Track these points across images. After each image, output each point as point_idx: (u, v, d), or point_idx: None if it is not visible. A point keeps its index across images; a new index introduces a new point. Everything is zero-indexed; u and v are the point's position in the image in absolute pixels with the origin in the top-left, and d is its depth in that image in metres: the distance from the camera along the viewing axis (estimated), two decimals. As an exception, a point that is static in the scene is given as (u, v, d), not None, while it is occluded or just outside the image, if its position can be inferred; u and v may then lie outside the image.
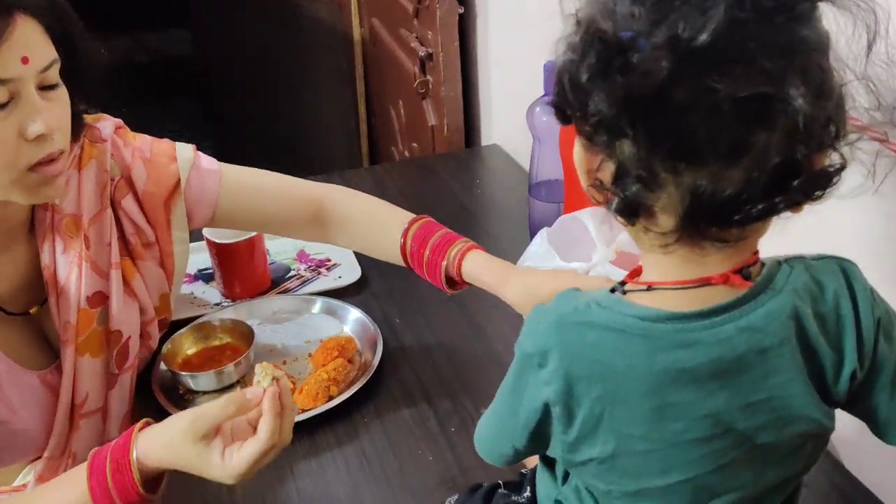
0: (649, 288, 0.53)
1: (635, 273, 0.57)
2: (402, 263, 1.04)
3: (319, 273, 1.28)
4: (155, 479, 0.77)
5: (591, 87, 0.48)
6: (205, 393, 1.04)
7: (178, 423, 0.76)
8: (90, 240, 0.96)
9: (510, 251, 1.29)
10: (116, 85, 0.96)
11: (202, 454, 0.74)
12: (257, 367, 0.79)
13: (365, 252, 1.11)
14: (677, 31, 0.46)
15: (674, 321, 0.52)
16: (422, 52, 1.76)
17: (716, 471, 0.54)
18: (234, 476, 0.74)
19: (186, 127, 4.12)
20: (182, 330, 1.10)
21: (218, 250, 1.19)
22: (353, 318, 1.14)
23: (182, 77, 3.77)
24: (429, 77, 1.82)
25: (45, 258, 0.95)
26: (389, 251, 1.04)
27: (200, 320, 1.12)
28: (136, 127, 1.03)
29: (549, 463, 0.68)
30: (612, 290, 0.56)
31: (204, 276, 1.29)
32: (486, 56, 1.70)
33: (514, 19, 1.56)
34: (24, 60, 0.79)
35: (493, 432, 0.66)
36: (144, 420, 0.80)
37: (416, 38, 1.83)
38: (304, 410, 0.98)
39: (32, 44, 0.80)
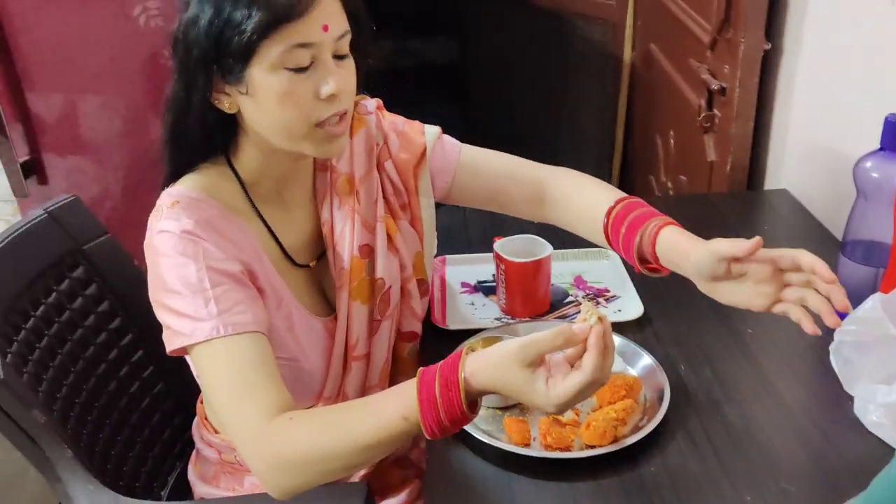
0: None
1: None
2: (605, 244, 1.07)
3: (598, 303, 1.26)
4: (474, 401, 0.82)
5: None
6: (488, 408, 1.05)
7: (507, 348, 0.80)
8: (360, 196, 1.09)
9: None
10: (381, 84, 1.07)
11: (528, 379, 0.78)
12: (583, 306, 0.83)
13: (574, 230, 1.13)
14: None
15: None
16: (714, 85, 1.69)
17: None
18: (556, 404, 0.78)
19: (441, 129, 4.28)
20: (472, 339, 1.12)
21: (507, 267, 1.20)
22: (637, 358, 1.10)
23: (444, 83, 3.91)
24: (716, 111, 1.74)
25: (325, 214, 1.08)
26: (594, 229, 1.08)
27: (490, 334, 1.13)
28: None
29: None
30: None
31: (483, 289, 1.31)
32: (787, 96, 1.60)
33: (835, 64, 1.44)
34: (325, 28, 0.90)
35: None
36: (469, 345, 0.85)
37: (708, 70, 1.75)
38: (589, 447, 0.96)
39: (332, 15, 0.91)
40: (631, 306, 1.23)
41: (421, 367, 0.84)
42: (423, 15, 4.30)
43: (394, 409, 0.83)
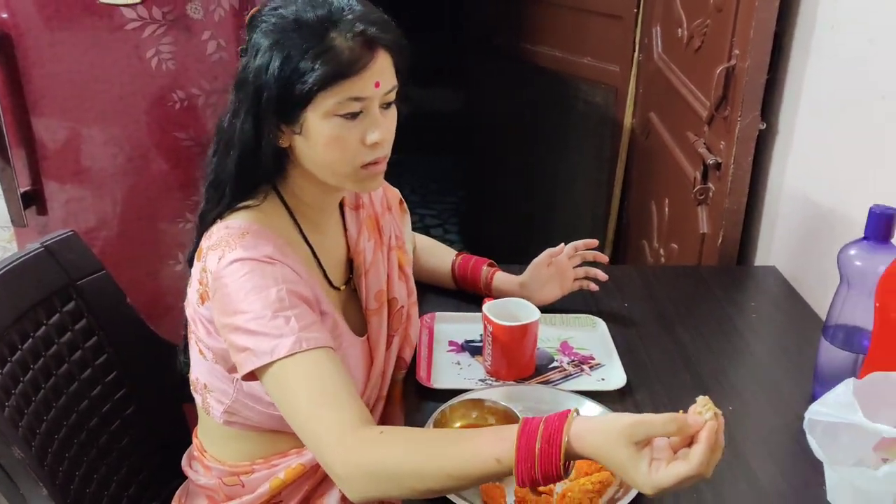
0: None
1: None
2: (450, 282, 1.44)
3: (582, 370, 1.27)
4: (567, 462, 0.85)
5: None
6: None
7: (620, 421, 0.81)
8: (382, 231, 1.25)
9: (785, 390, 1.23)
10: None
11: (633, 458, 0.80)
12: (700, 399, 0.83)
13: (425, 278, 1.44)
14: None
15: None
16: (710, 160, 1.72)
17: None
18: (655, 488, 0.79)
19: (439, 177, 4.33)
20: (454, 401, 1.12)
21: (495, 329, 1.21)
22: (618, 429, 1.11)
23: (444, 133, 3.96)
24: (710, 185, 1.77)
25: (360, 245, 1.21)
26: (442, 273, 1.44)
27: (473, 396, 1.14)
28: (399, 170, 1.20)
29: None
30: None
31: (470, 348, 1.32)
32: (780, 176, 1.63)
33: (826, 149, 1.48)
34: (377, 85, 1.01)
35: None
36: (575, 408, 0.88)
37: (705, 144, 1.79)
38: (564, 517, 0.96)
39: (385, 73, 1.02)
40: (614, 376, 1.24)
41: (524, 417, 0.88)
42: (427, 65, 4.37)
43: (490, 448, 0.86)
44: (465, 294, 1.44)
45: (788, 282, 1.56)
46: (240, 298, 0.98)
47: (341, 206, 1.22)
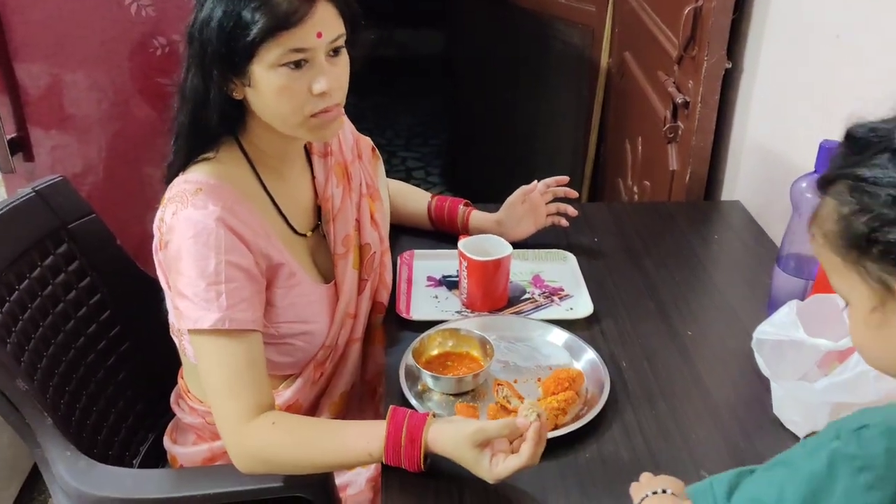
0: None
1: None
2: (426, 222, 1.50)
3: (552, 301, 1.34)
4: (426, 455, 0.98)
5: None
6: (442, 393, 1.13)
7: (465, 430, 0.94)
8: (352, 180, 1.27)
9: (742, 315, 1.31)
10: (367, 72, 1.15)
11: (477, 458, 0.93)
12: (527, 402, 0.98)
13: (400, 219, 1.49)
14: None
15: None
16: (678, 98, 1.77)
17: None
18: (496, 479, 0.93)
19: (424, 120, 4.35)
20: (432, 331, 1.20)
21: (469, 264, 1.28)
22: (583, 354, 1.19)
23: (426, 74, 3.97)
24: (680, 124, 1.83)
25: (328, 192, 1.23)
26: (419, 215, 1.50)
27: (450, 326, 1.22)
28: (380, 112, 1.21)
29: None
30: None
31: (448, 283, 1.39)
32: (744, 113, 1.69)
33: (785, 87, 1.53)
34: (318, 35, 1.02)
35: None
36: (433, 412, 1.01)
37: (674, 83, 1.84)
38: (531, 432, 1.04)
39: (327, 22, 1.03)
40: (582, 305, 1.32)
41: (392, 407, 1.00)
42: (409, 6, 4.35)
43: (363, 445, 0.99)
44: (441, 233, 1.50)
45: (752, 215, 1.63)
46: (181, 258, 1.03)
47: (309, 154, 1.25)
